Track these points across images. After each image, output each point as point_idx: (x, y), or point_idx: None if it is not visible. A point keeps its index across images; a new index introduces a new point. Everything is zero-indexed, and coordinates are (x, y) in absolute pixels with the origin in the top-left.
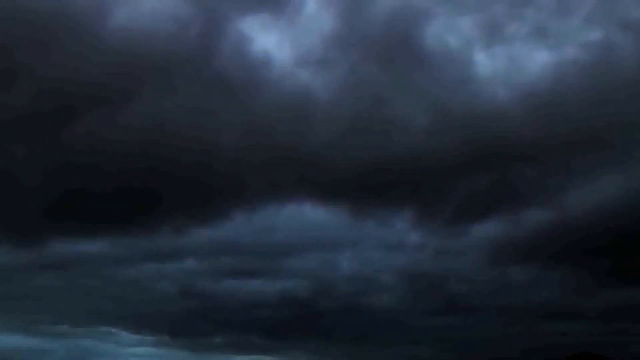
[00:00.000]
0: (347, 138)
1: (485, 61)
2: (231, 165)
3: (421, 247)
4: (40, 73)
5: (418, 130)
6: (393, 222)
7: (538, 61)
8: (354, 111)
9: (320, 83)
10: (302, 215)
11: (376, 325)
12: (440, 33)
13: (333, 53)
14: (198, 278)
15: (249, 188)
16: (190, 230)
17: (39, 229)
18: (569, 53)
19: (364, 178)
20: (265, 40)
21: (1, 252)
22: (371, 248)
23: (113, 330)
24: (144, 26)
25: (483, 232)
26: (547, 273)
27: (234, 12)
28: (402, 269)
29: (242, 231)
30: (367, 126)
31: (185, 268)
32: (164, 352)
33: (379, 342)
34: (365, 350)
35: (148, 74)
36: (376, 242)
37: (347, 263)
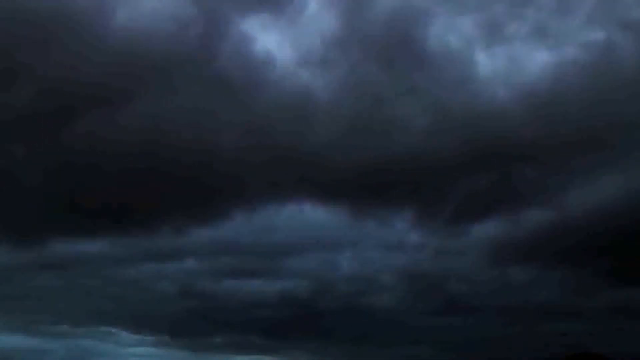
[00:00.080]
0: (348, 138)
1: (485, 61)
2: (231, 165)
3: (421, 247)
4: (40, 73)
5: (418, 130)
6: (393, 222)
7: (538, 61)
8: (355, 111)
9: (320, 83)
10: (302, 215)
11: (376, 325)
12: (440, 33)
13: (334, 53)
14: (198, 278)
15: (249, 188)
16: (190, 230)
17: (39, 229)
18: (569, 53)
19: (364, 178)
20: (266, 40)
21: (1, 252)
22: (371, 248)
23: (113, 330)
24: (145, 26)
25: (483, 232)
26: (547, 273)
27: (235, 12)
28: (402, 269)
29: (242, 231)
30: (368, 126)
31: (185, 268)
32: (164, 352)
33: (379, 342)
34: (365, 350)
35: (148, 74)
36: (376, 242)
37: (347, 263)
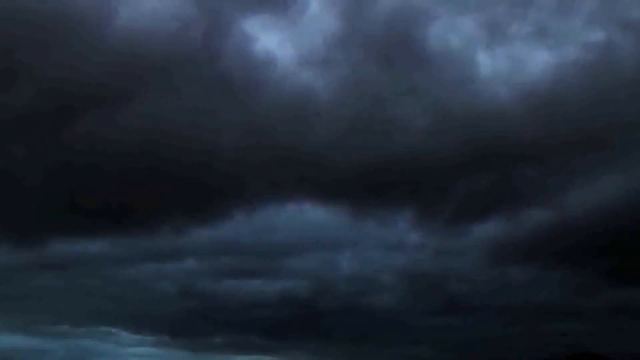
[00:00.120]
0: (348, 138)
1: (486, 61)
2: (231, 165)
3: (421, 247)
4: (40, 73)
5: (418, 130)
6: (393, 222)
7: (539, 61)
8: (355, 111)
9: (321, 83)
10: (302, 215)
11: (376, 325)
12: (441, 33)
13: (334, 53)
14: (198, 278)
15: (249, 188)
16: (190, 230)
17: (39, 229)
18: (570, 53)
19: (364, 178)
20: (267, 40)
21: (1, 252)
22: (371, 248)
23: (113, 330)
24: (145, 26)
25: (483, 232)
26: (547, 273)
27: (237, 12)
28: (402, 269)
29: (242, 231)
30: (368, 126)
31: (185, 268)
32: (164, 352)
33: (379, 342)
34: (365, 350)
35: (149, 74)
36: (376, 242)
37: (347, 263)
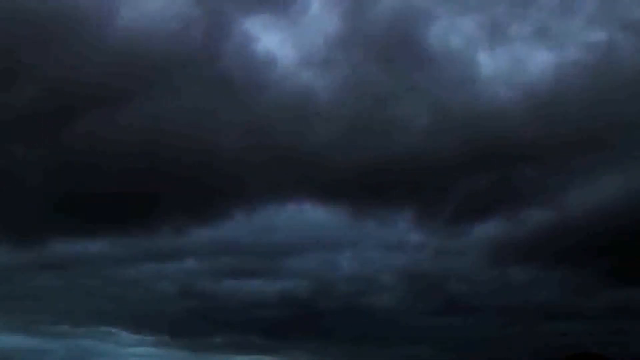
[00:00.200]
0: (348, 138)
1: (487, 61)
2: (231, 165)
3: (421, 247)
4: (41, 73)
5: (419, 130)
6: (393, 222)
7: (539, 61)
8: (355, 111)
9: (322, 83)
10: (302, 215)
11: (376, 325)
12: (442, 33)
13: (335, 53)
14: (198, 278)
15: (250, 188)
16: (190, 230)
17: (39, 229)
18: (571, 53)
19: (364, 178)
20: (267, 40)
21: (1, 252)
22: (371, 248)
23: (113, 330)
24: (147, 26)
25: (483, 232)
26: (547, 273)
27: (238, 12)
28: (402, 269)
29: (242, 231)
30: (368, 126)
31: (185, 268)
32: (164, 352)
33: (379, 342)
34: (365, 350)
35: (149, 74)
36: (376, 242)
37: (347, 263)
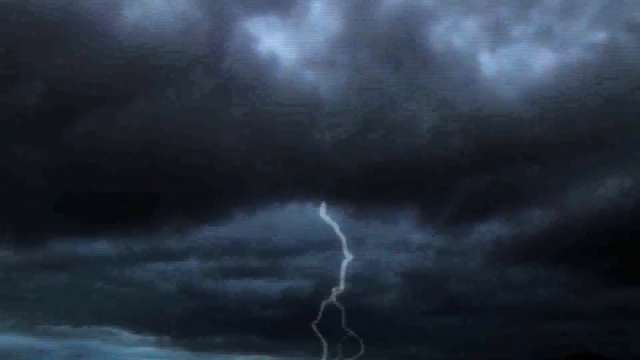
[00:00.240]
0: (351, 138)
1: (490, 62)
2: (233, 165)
3: (423, 247)
4: (42, 74)
5: (422, 130)
6: (396, 222)
7: (542, 62)
8: (358, 112)
9: (326, 84)
10: (304, 215)
11: (376, 325)
12: (446, 34)
13: (339, 54)
14: (198, 278)
15: (251, 188)
16: (191, 230)
17: (40, 229)
18: (574, 54)
19: (367, 178)
20: (271, 41)
21: (2, 252)
22: (373, 248)
23: (114, 330)
24: (150, 27)
25: (484, 232)
26: (547, 273)
27: (241, 13)
28: (404, 269)
29: (244, 231)
30: (372, 126)
31: (186, 268)
32: (165, 352)
33: (379, 342)
34: (365, 350)
35: (151, 74)
36: (378, 242)
37: (350, 263)
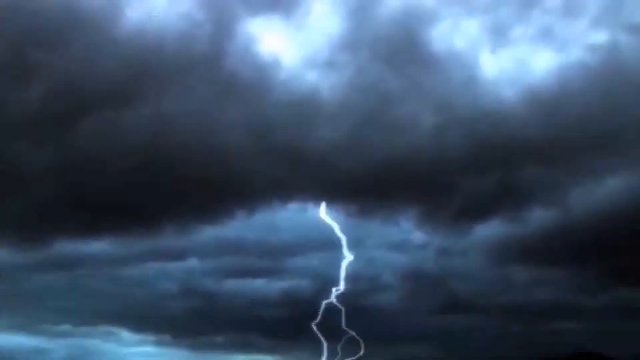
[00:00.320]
0: (353, 138)
1: (491, 63)
2: (235, 165)
3: (424, 247)
4: (46, 74)
5: (423, 130)
6: (396, 222)
7: (543, 63)
8: (360, 112)
9: (327, 84)
10: (305, 214)
11: (377, 324)
12: (446, 35)
13: (340, 55)
14: (200, 278)
15: (253, 188)
16: (193, 229)
17: (43, 229)
18: (574, 55)
19: (368, 178)
20: (273, 41)
21: (4, 252)
22: (373, 248)
23: (115, 329)
24: (152, 28)
25: (486, 232)
26: (548, 273)
27: (243, 14)
28: (405, 268)
29: (246, 231)
30: (373, 127)
31: (187, 268)
32: (166, 352)
33: (380, 342)
34: (365, 349)
35: (155, 75)
36: (378, 242)
37: (350, 262)
